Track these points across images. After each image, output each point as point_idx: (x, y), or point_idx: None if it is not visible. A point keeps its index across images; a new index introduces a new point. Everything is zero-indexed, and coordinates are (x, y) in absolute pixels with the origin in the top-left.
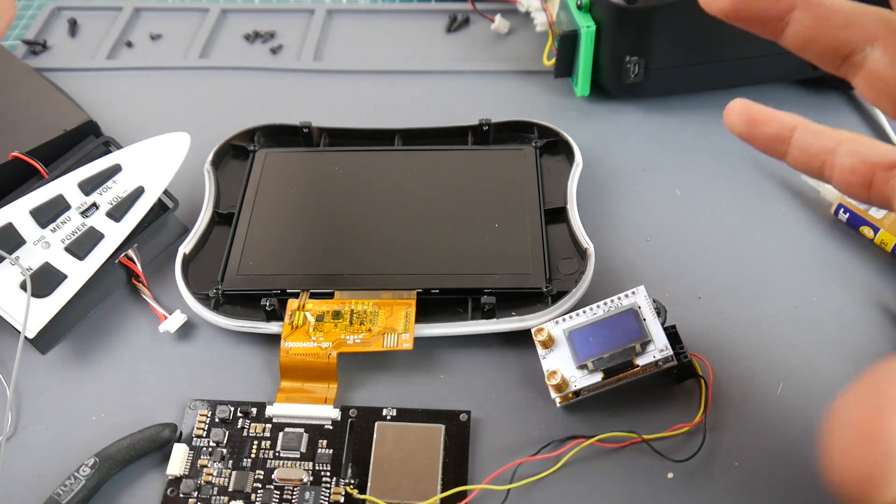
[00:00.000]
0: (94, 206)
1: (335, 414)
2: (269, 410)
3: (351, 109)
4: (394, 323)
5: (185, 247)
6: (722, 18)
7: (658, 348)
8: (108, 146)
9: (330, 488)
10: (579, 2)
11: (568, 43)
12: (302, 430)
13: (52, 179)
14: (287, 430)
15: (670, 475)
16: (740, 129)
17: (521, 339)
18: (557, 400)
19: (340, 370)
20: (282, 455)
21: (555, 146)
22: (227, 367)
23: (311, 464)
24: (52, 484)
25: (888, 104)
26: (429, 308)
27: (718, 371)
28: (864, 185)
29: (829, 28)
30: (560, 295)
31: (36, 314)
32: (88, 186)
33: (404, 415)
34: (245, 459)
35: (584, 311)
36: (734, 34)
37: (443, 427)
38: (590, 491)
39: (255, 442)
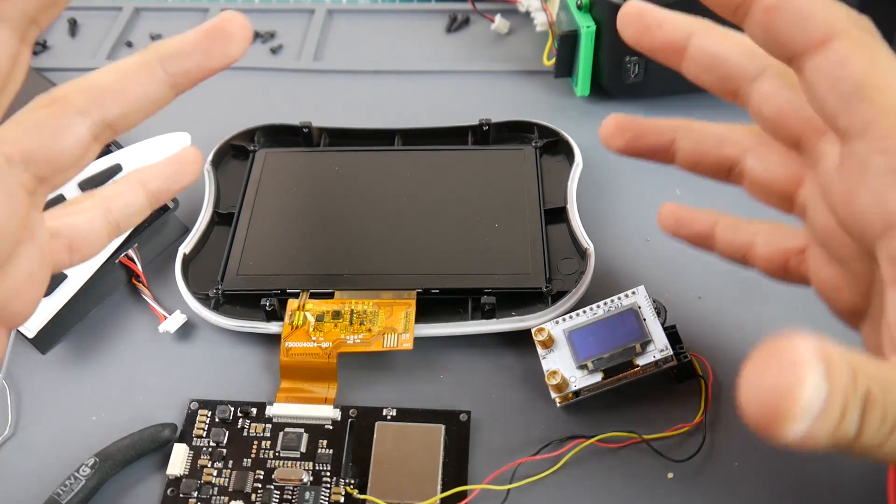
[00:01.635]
0: None
1: (335, 414)
2: (269, 410)
3: (351, 109)
4: (394, 323)
5: (185, 247)
6: (620, 154)
7: (658, 348)
8: (108, 146)
9: (330, 488)
10: (579, 2)
11: (568, 43)
12: (302, 430)
13: None
14: (287, 430)
15: (670, 475)
16: (671, 229)
17: (521, 339)
18: (557, 400)
19: (340, 370)
20: (282, 455)
21: (555, 146)
22: (227, 367)
23: (311, 464)
24: (52, 484)
25: (774, 201)
26: (429, 308)
27: (718, 371)
28: (781, 268)
29: (707, 148)
30: (560, 295)
31: (36, 314)
32: (89, 186)
33: (404, 415)
34: (245, 459)
35: (584, 311)
36: None
37: (443, 427)
38: (590, 491)
39: (255, 442)
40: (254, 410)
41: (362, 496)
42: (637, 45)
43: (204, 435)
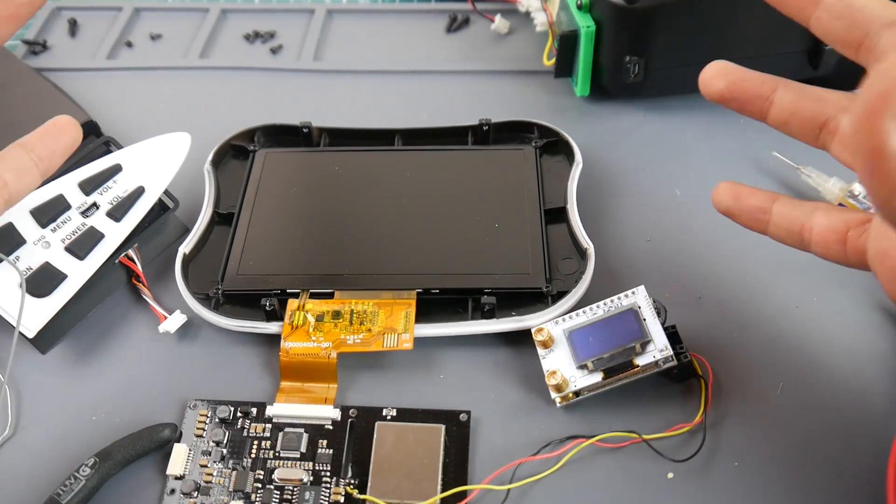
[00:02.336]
0: (95, 205)
1: (335, 414)
2: (269, 410)
3: (351, 109)
4: (394, 323)
5: (185, 247)
6: (717, 101)
7: (658, 348)
8: (109, 146)
9: (330, 488)
10: (579, 2)
11: (568, 43)
12: (302, 430)
13: (53, 179)
14: (287, 430)
15: (670, 475)
16: (727, 204)
17: (521, 339)
18: (557, 400)
19: (340, 370)
20: (282, 455)
21: (555, 146)
22: (227, 367)
23: (311, 464)
24: (52, 484)
25: None
26: (429, 308)
27: (718, 371)
28: (840, 241)
29: (806, 102)
30: (560, 295)
31: (36, 314)
32: (89, 186)
33: (404, 415)
34: (245, 459)
35: (584, 311)
36: (734, 34)
37: (443, 427)
38: (590, 491)
39: (255, 442)
40: (254, 410)
41: (362, 496)
42: None
43: (204, 435)
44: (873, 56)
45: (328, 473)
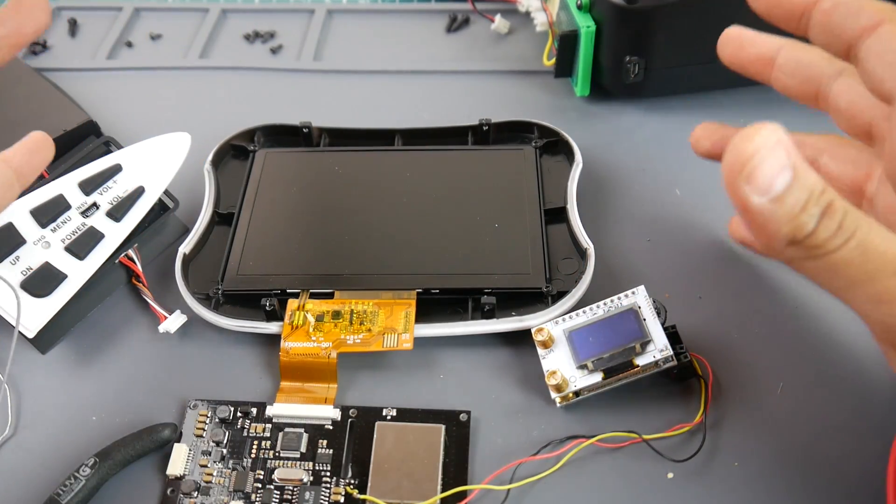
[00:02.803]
0: (95, 205)
1: (335, 414)
2: (269, 410)
3: (351, 109)
4: (394, 323)
5: (185, 247)
6: (707, 158)
7: (658, 348)
8: (109, 146)
9: (330, 488)
10: (579, 2)
11: (568, 43)
12: (302, 430)
13: (53, 179)
14: (287, 430)
15: (670, 475)
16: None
17: (521, 339)
18: (557, 400)
19: (340, 370)
20: (282, 455)
21: (555, 146)
22: (227, 367)
23: (311, 464)
24: (52, 484)
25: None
26: (429, 308)
27: (718, 371)
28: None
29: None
30: (560, 295)
31: (36, 314)
32: (89, 186)
33: (404, 415)
34: (245, 459)
35: (584, 311)
36: None
37: (443, 427)
38: (590, 491)
39: (255, 442)
40: (254, 410)
41: (362, 496)
42: (733, 61)
43: (204, 435)
44: (830, 105)
45: (328, 473)
